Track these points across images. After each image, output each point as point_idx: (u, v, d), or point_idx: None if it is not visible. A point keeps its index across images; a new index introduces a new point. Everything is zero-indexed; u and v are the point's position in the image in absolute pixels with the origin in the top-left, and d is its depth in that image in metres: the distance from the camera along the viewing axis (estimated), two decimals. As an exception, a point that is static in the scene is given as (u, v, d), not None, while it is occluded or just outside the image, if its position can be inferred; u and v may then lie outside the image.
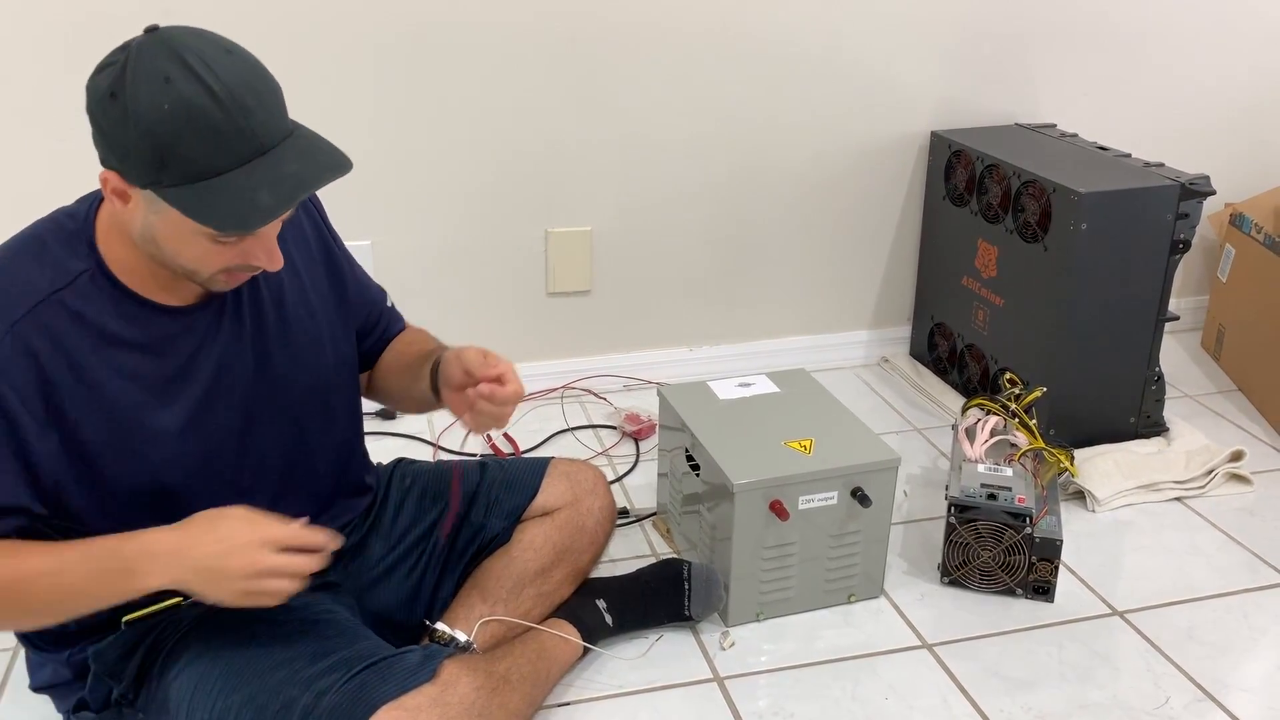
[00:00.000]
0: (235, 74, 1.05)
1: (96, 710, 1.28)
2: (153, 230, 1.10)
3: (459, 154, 2.20)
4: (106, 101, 1.04)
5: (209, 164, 1.04)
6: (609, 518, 1.63)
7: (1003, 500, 1.69)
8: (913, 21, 2.34)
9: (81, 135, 2.09)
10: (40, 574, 1.10)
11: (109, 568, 1.11)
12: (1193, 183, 2.02)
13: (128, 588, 1.11)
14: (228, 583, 1.10)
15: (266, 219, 1.07)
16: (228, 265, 1.14)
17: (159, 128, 1.02)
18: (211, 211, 1.05)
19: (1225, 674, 1.58)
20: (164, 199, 1.05)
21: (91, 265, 1.14)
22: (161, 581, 1.10)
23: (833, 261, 2.51)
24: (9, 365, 1.08)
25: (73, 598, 1.12)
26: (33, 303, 1.10)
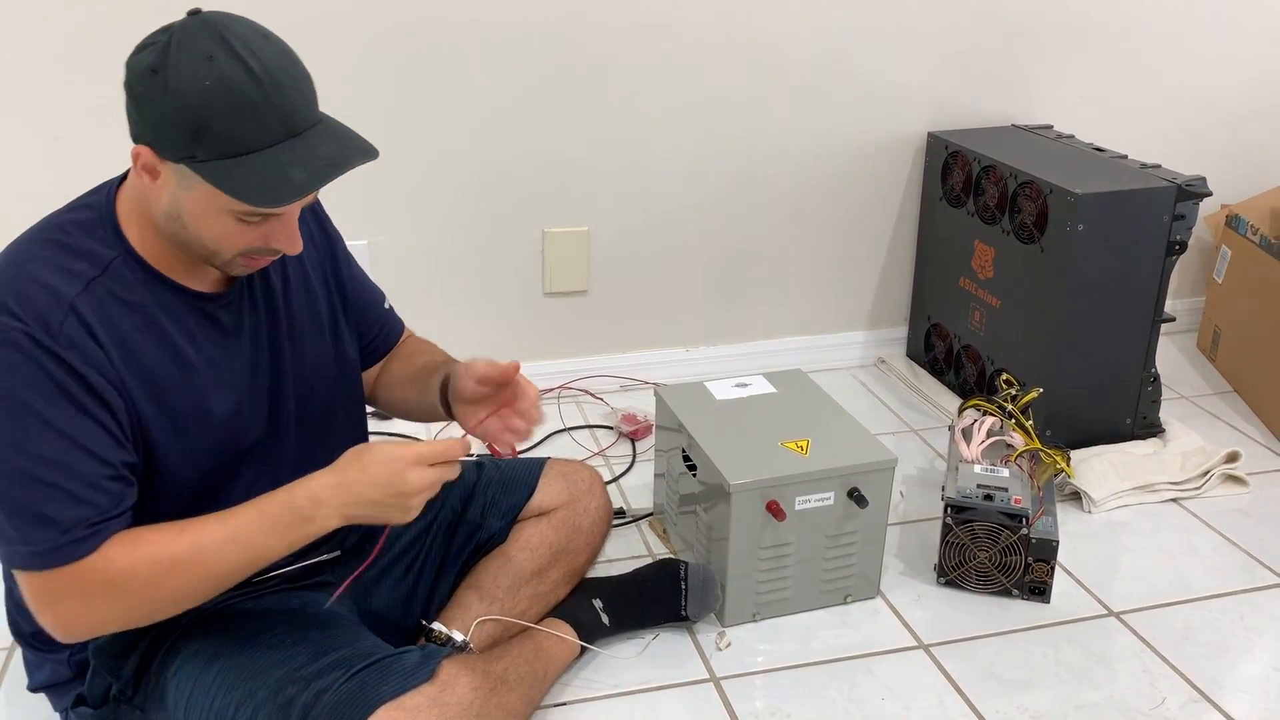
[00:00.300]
0: (273, 57, 1.08)
1: (95, 706, 1.28)
2: (179, 207, 1.11)
3: (456, 154, 2.20)
4: (147, 77, 1.06)
5: (244, 140, 1.06)
6: (605, 518, 1.63)
7: (999, 501, 1.69)
8: (910, 23, 2.34)
9: (77, 132, 2.09)
10: (223, 542, 1.13)
11: (285, 521, 1.15)
12: (1189, 184, 2.03)
13: (306, 533, 1.16)
14: (404, 505, 1.16)
15: (297, 195, 1.08)
16: (249, 246, 1.14)
17: (198, 102, 1.04)
18: (243, 185, 1.06)
19: (1221, 675, 1.58)
20: (197, 173, 1.07)
21: (120, 251, 1.15)
22: (338, 520, 1.16)
23: (830, 262, 2.51)
24: (80, 341, 1.09)
25: (257, 557, 1.16)
26: (82, 285, 1.11)
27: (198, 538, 1.13)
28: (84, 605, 1.11)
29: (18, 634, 1.31)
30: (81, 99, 1.99)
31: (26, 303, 1.08)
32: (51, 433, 1.07)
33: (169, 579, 1.13)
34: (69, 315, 1.09)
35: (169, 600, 1.15)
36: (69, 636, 1.15)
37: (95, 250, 1.14)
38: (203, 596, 1.17)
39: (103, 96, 1.98)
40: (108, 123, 1.99)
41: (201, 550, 1.13)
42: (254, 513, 1.15)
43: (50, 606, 1.12)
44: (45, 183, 2.01)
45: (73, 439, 1.08)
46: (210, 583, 1.16)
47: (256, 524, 1.15)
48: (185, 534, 1.13)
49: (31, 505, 1.07)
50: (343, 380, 1.40)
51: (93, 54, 1.96)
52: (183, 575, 1.13)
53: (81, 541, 1.09)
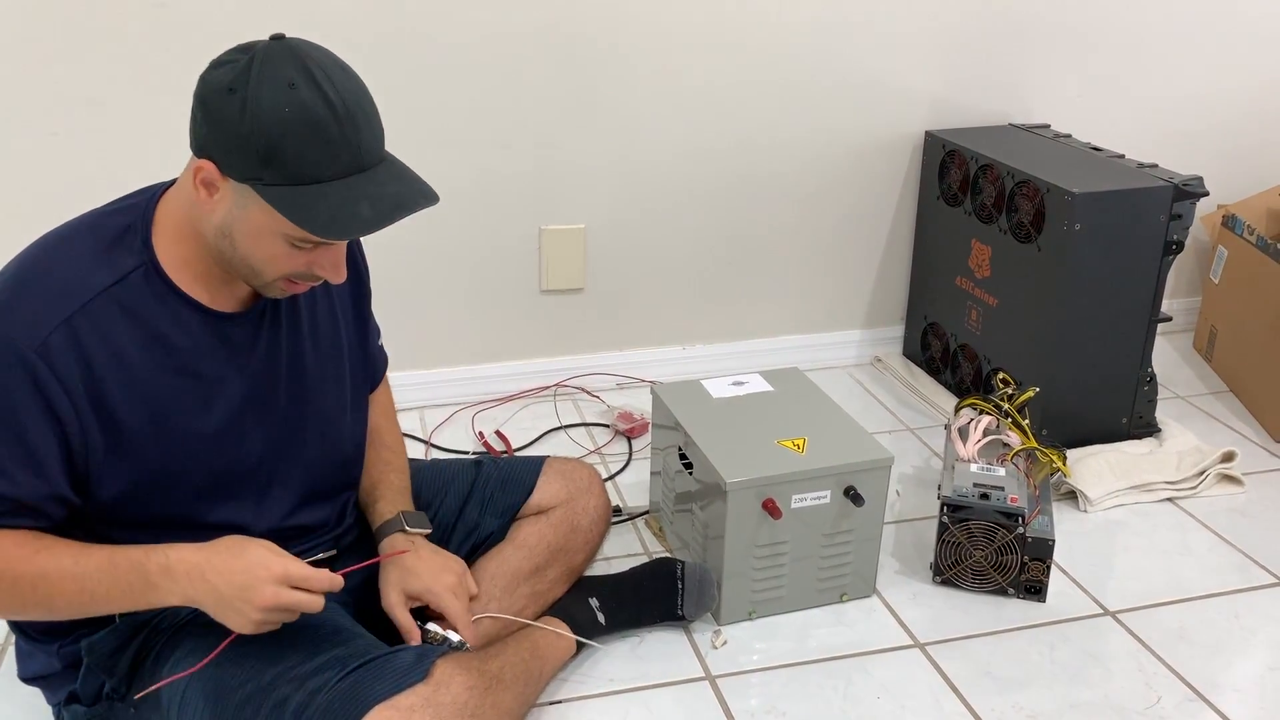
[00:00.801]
0: (351, 91, 1.10)
1: (88, 704, 1.28)
2: (232, 225, 1.12)
3: (453, 151, 2.20)
4: (224, 95, 1.07)
5: (314, 171, 1.07)
6: (603, 517, 1.63)
7: (995, 500, 1.69)
8: (907, 22, 2.34)
9: (74, 127, 2.09)
10: (65, 575, 1.13)
11: (131, 580, 1.14)
12: (1186, 184, 2.03)
13: (145, 600, 1.15)
14: (245, 612, 1.13)
15: (363, 231, 1.10)
16: (294, 272, 1.16)
17: (274, 128, 1.05)
18: (310, 216, 1.07)
19: (1216, 674, 1.58)
20: (261, 195, 1.07)
21: (144, 262, 1.15)
22: (179, 600, 1.15)
23: (826, 261, 2.51)
24: (59, 356, 1.10)
25: (92, 602, 1.15)
26: (87, 298, 1.12)
27: (46, 564, 1.13)
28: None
29: (13, 622, 1.31)
30: (78, 94, 1.98)
31: (26, 307, 1.09)
32: None
33: (5, 595, 1.14)
34: (60, 328, 1.10)
35: (4, 609, 1.17)
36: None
37: (119, 259, 1.14)
38: (35, 617, 1.19)
39: (97, 92, 1.99)
40: (104, 117, 2.00)
41: (44, 578, 1.13)
42: (105, 560, 1.14)
43: None
44: (43, 178, 2.01)
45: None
46: (41, 611, 1.17)
47: (103, 573, 1.14)
48: (40, 556, 1.13)
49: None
50: (356, 395, 1.41)
51: (89, 48, 1.96)
52: (19, 597, 1.14)
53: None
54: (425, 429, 2.23)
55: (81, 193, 2.13)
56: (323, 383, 1.33)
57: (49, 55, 1.95)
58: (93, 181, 2.03)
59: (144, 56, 1.95)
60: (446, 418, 2.27)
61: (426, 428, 2.24)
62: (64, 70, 1.97)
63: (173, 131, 1.28)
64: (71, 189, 2.03)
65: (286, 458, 1.30)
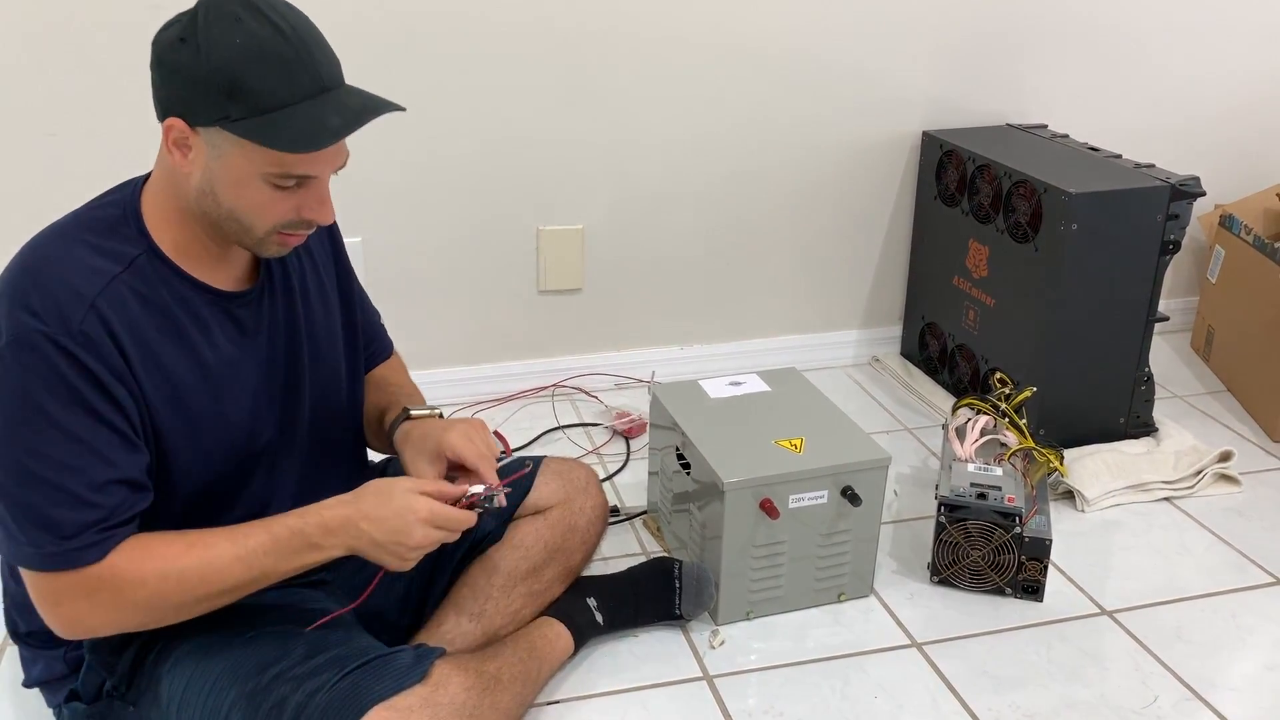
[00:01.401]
0: (299, 20, 1.11)
1: (88, 702, 1.28)
2: (212, 179, 1.11)
3: (451, 151, 2.20)
4: (177, 46, 1.08)
5: (277, 95, 1.07)
6: (601, 517, 1.63)
7: (992, 500, 1.69)
8: (904, 22, 2.34)
9: (70, 127, 2.08)
10: (231, 561, 1.16)
11: (295, 546, 1.18)
12: (1183, 184, 2.03)
13: (310, 561, 1.19)
14: (400, 554, 1.19)
15: (334, 138, 1.09)
16: (283, 219, 1.15)
17: (230, 60, 1.06)
18: (279, 136, 1.08)
19: (1213, 673, 1.59)
20: (231, 133, 1.07)
21: (144, 248, 1.15)
22: (341, 552, 1.19)
23: (824, 261, 2.51)
24: (99, 341, 1.09)
25: (261, 577, 1.18)
26: (102, 284, 1.11)
27: (206, 555, 1.15)
28: (88, 609, 1.13)
29: (14, 633, 1.31)
30: (74, 93, 1.98)
31: (47, 300, 1.08)
32: (63, 436, 1.08)
33: (175, 592, 1.15)
34: (89, 314, 1.09)
35: (172, 611, 1.17)
36: (70, 635, 1.17)
37: (119, 248, 1.14)
38: (205, 610, 1.19)
39: (95, 90, 1.99)
40: (101, 117, 2.00)
41: (209, 567, 1.15)
42: (264, 535, 1.17)
43: (54, 606, 1.13)
44: (40, 178, 2.01)
45: (84, 443, 1.09)
46: (213, 599, 1.18)
47: (266, 546, 1.17)
48: (194, 549, 1.15)
49: (39, 507, 1.08)
50: (351, 389, 1.41)
51: (84, 47, 1.96)
52: (189, 590, 1.15)
53: (88, 548, 1.10)
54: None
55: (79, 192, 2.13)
56: (318, 358, 1.33)
57: (45, 54, 1.95)
58: (89, 181, 2.03)
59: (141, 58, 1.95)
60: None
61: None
62: (60, 71, 1.97)
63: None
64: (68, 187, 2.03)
65: (289, 434, 1.31)
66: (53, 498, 1.08)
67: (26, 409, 1.07)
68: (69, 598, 1.12)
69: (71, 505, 1.09)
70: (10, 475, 1.09)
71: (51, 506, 1.08)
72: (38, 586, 1.13)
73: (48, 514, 1.08)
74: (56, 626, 1.15)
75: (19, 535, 1.10)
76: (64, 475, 1.08)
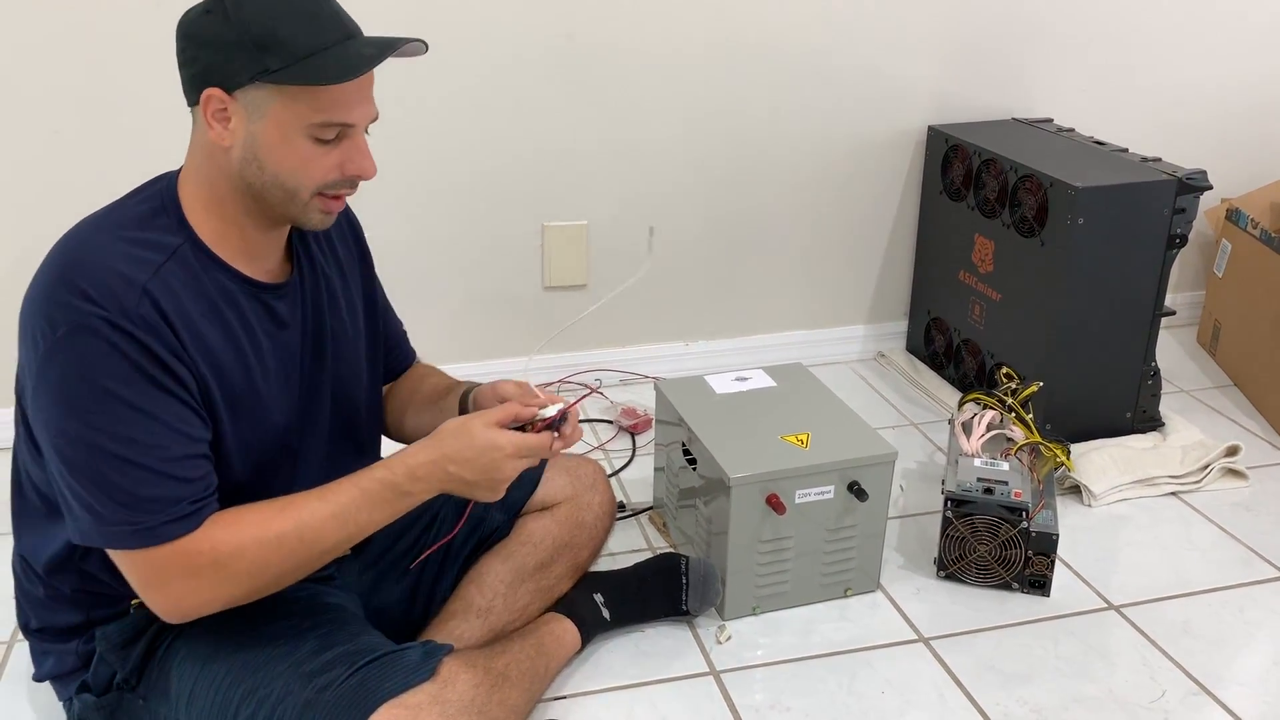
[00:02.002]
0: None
1: (98, 694, 1.28)
2: (254, 145, 1.13)
3: (455, 148, 2.20)
4: (205, 18, 1.11)
5: (310, 43, 1.10)
6: (609, 513, 1.63)
7: (999, 495, 1.69)
8: (910, 17, 2.34)
9: (76, 123, 2.08)
10: (325, 519, 1.17)
11: (384, 497, 1.19)
12: (1189, 178, 2.02)
13: (404, 506, 1.21)
14: (494, 489, 1.23)
15: (372, 63, 1.12)
16: (326, 178, 1.16)
17: (261, 18, 1.09)
18: (321, 72, 1.10)
19: (1220, 668, 1.59)
20: (273, 82, 1.09)
21: (185, 238, 1.16)
22: (433, 493, 1.22)
23: (829, 256, 2.51)
24: (155, 323, 1.10)
25: (357, 532, 1.20)
26: (152, 270, 1.12)
27: (301, 515, 1.16)
28: (193, 587, 1.14)
29: (25, 628, 1.32)
30: (78, 90, 1.98)
31: (101, 287, 1.09)
32: (139, 415, 1.09)
33: (275, 557, 1.15)
34: (143, 298, 1.10)
35: (274, 577, 1.18)
36: (178, 617, 1.17)
37: (161, 239, 1.15)
38: (306, 572, 1.20)
39: (99, 87, 1.99)
40: (106, 115, 2.00)
41: (304, 527, 1.16)
42: (353, 490, 1.19)
43: (160, 587, 1.14)
44: (45, 175, 2.02)
45: (161, 420, 1.10)
46: (314, 559, 1.19)
47: (357, 500, 1.18)
48: (287, 512, 1.16)
49: (123, 486, 1.09)
50: (370, 389, 1.42)
51: (89, 45, 1.96)
52: (289, 553, 1.16)
53: (183, 519, 1.11)
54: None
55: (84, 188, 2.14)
56: (340, 356, 1.34)
57: (48, 50, 1.95)
58: (95, 179, 2.04)
59: (145, 55, 1.96)
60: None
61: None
62: (64, 68, 1.97)
63: (176, 129, 1.28)
64: (74, 184, 2.04)
65: (312, 428, 1.32)
66: (135, 475, 1.09)
67: (94, 394, 1.08)
68: (172, 577, 1.13)
69: (157, 480, 1.10)
70: (90, 461, 1.09)
71: (136, 485, 1.09)
72: (137, 569, 1.13)
73: (133, 492, 1.09)
74: (163, 610, 1.16)
75: (108, 516, 1.10)
76: (143, 452, 1.09)
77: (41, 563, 1.25)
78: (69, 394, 1.08)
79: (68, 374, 1.08)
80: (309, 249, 1.30)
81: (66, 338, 1.08)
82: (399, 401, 1.51)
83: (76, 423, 1.09)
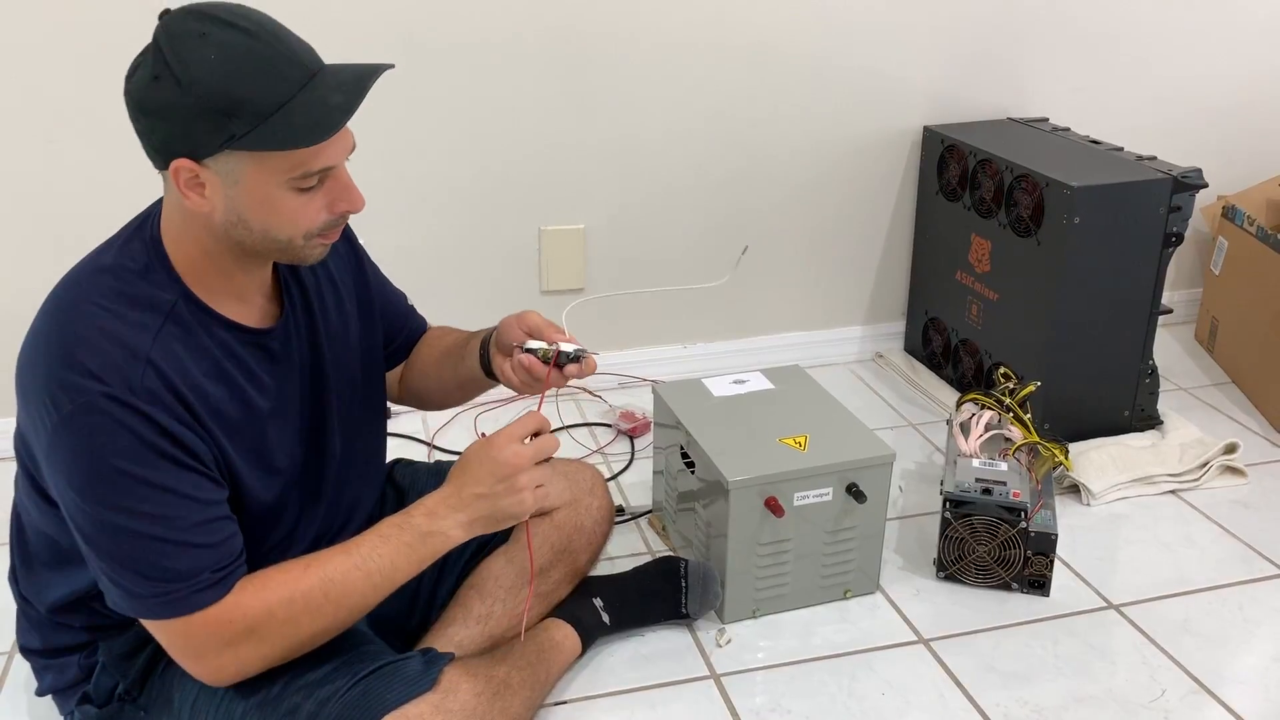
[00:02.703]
0: (257, 15, 1.08)
1: (100, 705, 1.28)
2: (237, 208, 1.09)
3: (452, 151, 2.20)
4: (153, 86, 1.04)
5: (272, 95, 1.04)
6: (607, 518, 1.63)
7: (998, 495, 1.69)
8: (905, 17, 2.34)
9: (70, 134, 2.08)
10: (348, 570, 1.16)
11: (406, 541, 1.19)
12: (1185, 176, 2.03)
13: (432, 548, 1.20)
14: (523, 503, 1.21)
15: (343, 115, 1.07)
16: (316, 222, 1.13)
17: (217, 78, 1.03)
18: (291, 132, 1.05)
19: (1220, 666, 1.59)
20: (242, 149, 1.05)
21: (178, 294, 1.14)
22: (460, 529, 1.20)
23: (826, 257, 2.51)
24: (160, 394, 1.08)
25: (385, 582, 1.18)
26: (152, 336, 1.09)
27: (324, 571, 1.15)
28: (230, 653, 1.13)
29: (27, 650, 1.31)
30: (74, 101, 1.98)
31: (103, 360, 1.06)
32: (154, 490, 1.07)
33: (305, 616, 1.15)
34: (147, 370, 1.08)
35: (308, 636, 1.17)
36: (221, 683, 1.17)
37: (154, 295, 1.12)
38: (341, 628, 1.19)
39: (94, 96, 1.99)
40: (100, 123, 2.00)
41: (329, 582, 1.15)
42: (374, 539, 1.18)
43: (196, 660, 1.14)
44: (40, 185, 2.02)
45: (176, 492, 1.09)
46: (344, 614, 1.18)
47: (379, 551, 1.17)
48: (312, 569, 1.16)
49: (152, 560, 1.08)
50: (371, 388, 1.41)
51: (84, 54, 1.96)
52: (317, 610, 1.15)
53: (211, 588, 1.10)
54: (427, 430, 2.23)
55: (78, 198, 2.13)
56: (339, 370, 1.33)
57: (44, 60, 1.95)
58: (88, 187, 2.04)
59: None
60: (449, 419, 2.27)
61: (429, 429, 2.24)
62: (59, 78, 1.97)
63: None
64: (69, 195, 2.04)
65: (321, 452, 1.31)
66: (157, 549, 1.08)
67: (106, 474, 1.06)
68: (207, 647, 1.13)
69: (178, 552, 1.09)
70: (111, 539, 1.08)
71: (159, 558, 1.08)
72: (173, 640, 1.13)
73: (157, 564, 1.08)
74: (205, 677, 1.16)
75: (138, 589, 1.09)
76: (162, 526, 1.08)
77: (46, 604, 1.26)
78: (81, 475, 1.07)
79: (78, 454, 1.06)
80: (298, 273, 1.28)
81: (73, 417, 1.05)
82: (418, 370, 1.50)
83: (92, 504, 1.07)
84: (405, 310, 1.53)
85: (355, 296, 1.39)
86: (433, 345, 1.51)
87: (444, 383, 1.48)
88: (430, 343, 1.52)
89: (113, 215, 1.24)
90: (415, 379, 1.52)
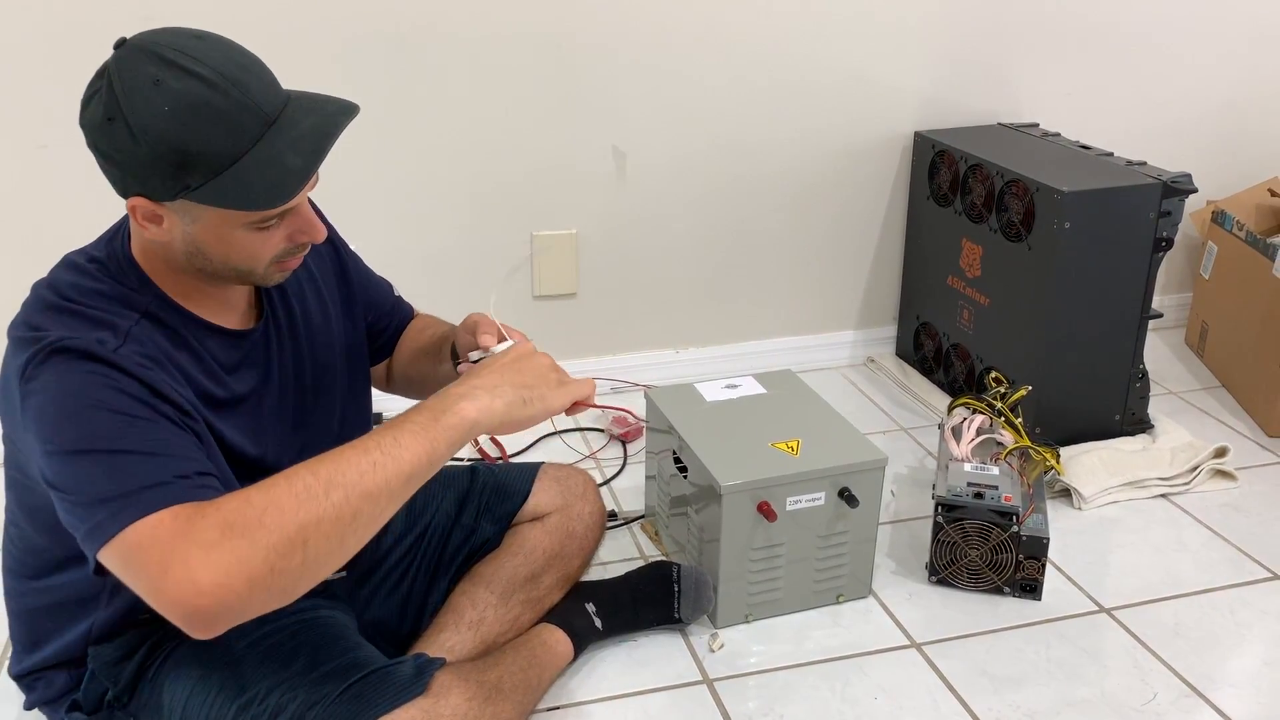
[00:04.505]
0: (217, 56, 1.04)
1: (89, 712, 1.28)
2: (195, 241, 1.10)
3: (445, 157, 2.20)
4: (107, 128, 1.03)
5: (227, 150, 1.02)
6: (599, 523, 1.63)
7: (989, 499, 1.69)
8: (896, 22, 2.35)
9: (63, 139, 2.07)
10: (343, 450, 1.03)
11: (419, 421, 1.06)
12: (1175, 181, 2.03)
13: (445, 426, 1.07)
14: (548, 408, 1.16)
15: (301, 180, 1.06)
16: (276, 252, 1.13)
17: (169, 133, 1.01)
18: (247, 193, 1.04)
19: (1212, 669, 1.59)
20: (198, 201, 1.04)
21: (152, 296, 1.14)
22: (475, 408, 1.10)
23: (818, 262, 2.51)
24: (142, 362, 1.06)
25: (388, 459, 1.03)
26: (130, 324, 1.08)
27: (334, 462, 1.01)
28: (201, 558, 0.94)
29: (18, 674, 1.31)
30: (66, 106, 1.98)
31: (83, 330, 1.05)
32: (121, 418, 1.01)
33: (288, 498, 0.98)
34: (126, 342, 1.06)
35: (295, 527, 0.97)
36: (202, 610, 0.96)
37: (130, 296, 1.12)
38: (343, 521, 1.00)
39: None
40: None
41: (318, 462, 1.01)
42: (384, 429, 1.06)
43: (162, 575, 0.95)
44: (32, 191, 2.01)
45: (144, 420, 1.02)
46: (339, 496, 0.99)
47: (389, 434, 1.04)
48: (320, 461, 1.02)
49: (129, 469, 0.99)
50: (354, 384, 1.41)
51: (77, 60, 1.95)
52: (304, 491, 0.98)
53: (199, 488, 1.00)
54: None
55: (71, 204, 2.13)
56: (321, 370, 1.33)
57: (35, 66, 1.95)
58: (81, 193, 2.03)
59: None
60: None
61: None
62: (52, 83, 1.96)
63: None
64: (62, 201, 2.03)
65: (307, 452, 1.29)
66: (133, 461, 0.99)
67: (75, 409, 1.01)
68: (175, 555, 0.94)
69: (158, 463, 1.00)
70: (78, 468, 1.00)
71: (126, 465, 0.99)
72: (137, 554, 0.96)
73: (126, 470, 0.98)
74: (181, 598, 0.95)
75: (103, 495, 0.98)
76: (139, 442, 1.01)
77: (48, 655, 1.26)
78: (51, 415, 1.02)
79: (49, 394, 1.02)
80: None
81: (48, 359, 1.03)
82: (405, 356, 1.50)
83: (60, 440, 1.01)
84: (391, 301, 1.52)
85: (338, 293, 1.39)
86: (413, 340, 1.51)
87: (425, 379, 1.47)
88: (411, 336, 1.52)
89: (105, 221, 1.24)
90: (400, 370, 1.52)
